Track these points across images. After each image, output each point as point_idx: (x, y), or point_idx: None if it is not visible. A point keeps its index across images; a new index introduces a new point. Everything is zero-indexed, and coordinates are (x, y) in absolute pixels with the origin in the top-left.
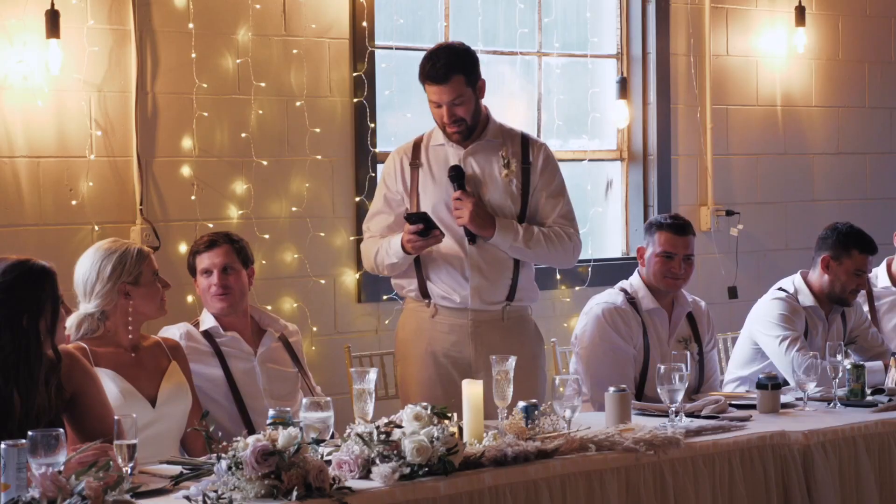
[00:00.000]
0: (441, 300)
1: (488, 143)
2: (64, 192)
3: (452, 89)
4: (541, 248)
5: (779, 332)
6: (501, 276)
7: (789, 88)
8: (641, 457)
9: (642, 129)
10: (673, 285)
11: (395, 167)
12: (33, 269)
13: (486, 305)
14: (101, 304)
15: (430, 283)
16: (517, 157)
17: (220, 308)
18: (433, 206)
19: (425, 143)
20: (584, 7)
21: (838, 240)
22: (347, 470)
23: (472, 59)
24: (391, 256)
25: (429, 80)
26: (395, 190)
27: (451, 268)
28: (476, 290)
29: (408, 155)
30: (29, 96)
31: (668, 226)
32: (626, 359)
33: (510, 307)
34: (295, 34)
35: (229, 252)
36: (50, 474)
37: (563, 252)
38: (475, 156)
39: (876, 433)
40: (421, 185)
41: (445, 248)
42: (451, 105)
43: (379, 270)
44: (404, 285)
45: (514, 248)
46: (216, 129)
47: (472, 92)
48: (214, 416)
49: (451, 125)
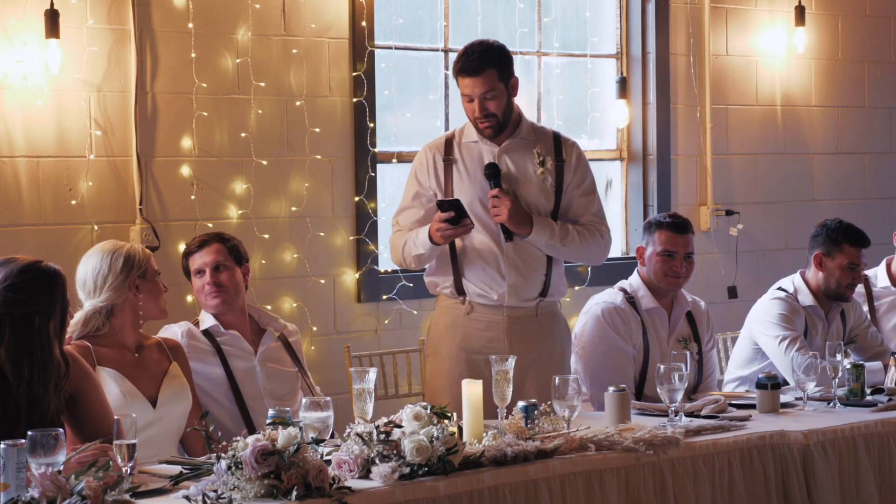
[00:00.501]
0: (477, 297)
1: (522, 140)
2: (63, 192)
3: (485, 82)
4: (575, 245)
5: (778, 332)
6: (536, 272)
7: (789, 88)
8: (641, 456)
9: (642, 129)
10: (675, 284)
11: (427, 163)
12: (47, 271)
13: (521, 302)
14: (111, 298)
15: (466, 281)
16: (550, 154)
17: (215, 306)
18: (468, 202)
19: (457, 140)
20: (584, 7)
21: (828, 236)
22: (347, 470)
23: (507, 56)
24: (418, 247)
25: (462, 73)
26: (428, 186)
27: (487, 265)
28: (513, 288)
29: (440, 151)
30: (28, 96)
31: (667, 224)
32: (625, 358)
33: (543, 302)
34: (294, 34)
35: (220, 250)
36: (49, 474)
37: (595, 249)
38: (509, 153)
39: (875, 433)
40: (455, 182)
41: (481, 245)
42: (482, 99)
43: (406, 263)
44: (438, 282)
45: (549, 245)
46: (216, 128)
47: (505, 88)
48: (214, 416)
49: (483, 120)
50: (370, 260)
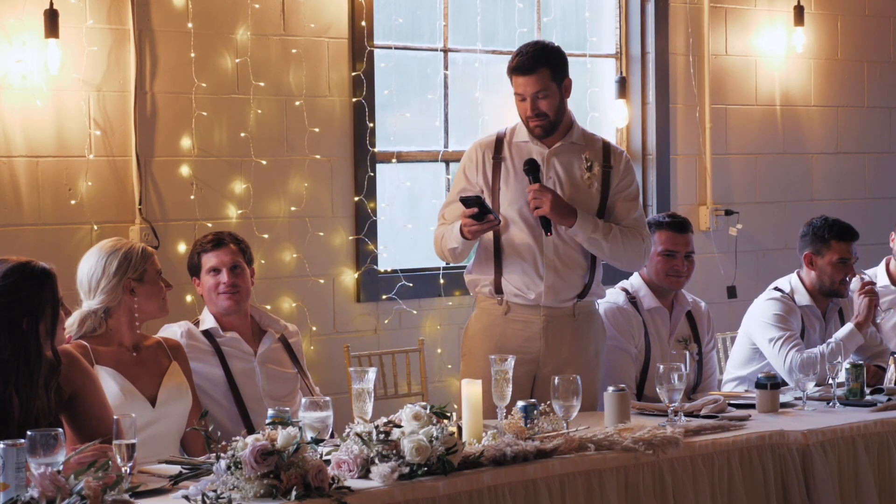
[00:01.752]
0: (514, 297)
1: (572, 145)
2: (63, 192)
3: (538, 81)
4: (617, 242)
5: (773, 333)
6: (575, 274)
7: (788, 88)
8: (640, 456)
9: (641, 129)
10: (676, 283)
11: (477, 160)
12: (34, 271)
13: (559, 303)
14: (105, 301)
15: (505, 280)
16: (598, 160)
17: (227, 307)
18: (513, 200)
19: (508, 139)
20: (583, 7)
21: (815, 234)
22: (346, 469)
23: (561, 57)
24: (452, 241)
25: (516, 72)
26: (475, 182)
27: (527, 265)
28: (551, 288)
29: (490, 149)
30: (28, 96)
31: (667, 224)
32: (627, 358)
33: (580, 303)
34: (294, 34)
35: (236, 251)
36: (49, 474)
37: (635, 251)
38: (558, 156)
39: (875, 433)
40: (503, 180)
41: (521, 245)
42: (534, 98)
43: (445, 256)
44: (479, 281)
45: (591, 239)
46: (215, 128)
47: (558, 88)
48: (214, 416)
49: (534, 118)
50: (369, 260)
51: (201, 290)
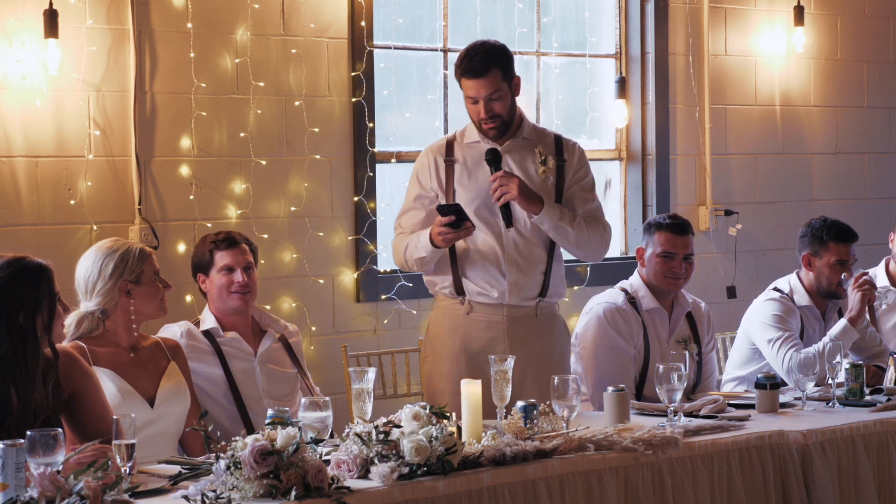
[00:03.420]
0: (477, 296)
1: (524, 141)
2: (62, 192)
3: (490, 83)
4: (582, 230)
5: (772, 334)
6: (536, 270)
7: (788, 88)
8: (640, 456)
9: (641, 129)
10: (674, 285)
11: (429, 164)
12: (29, 266)
13: (521, 301)
14: (102, 303)
15: (466, 280)
16: (552, 154)
17: (237, 306)
18: (471, 202)
19: (459, 141)
20: (583, 7)
21: (813, 235)
22: (346, 470)
23: (509, 55)
24: (420, 251)
25: (466, 75)
26: (430, 187)
27: (488, 263)
28: (514, 285)
29: (441, 152)
30: (27, 96)
31: (667, 226)
32: (626, 359)
33: (542, 303)
34: (294, 34)
35: (248, 252)
36: (48, 474)
37: (598, 239)
38: (511, 153)
39: (874, 433)
40: (457, 182)
41: (481, 244)
42: (488, 100)
43: (408, 266)
44: (437, 282)
45: (558, 227)
46: (215, 128)
47: (509, 88)
48: (213, 416)
49: (488, 121)
50: (369, 260)
51: (207, 288)
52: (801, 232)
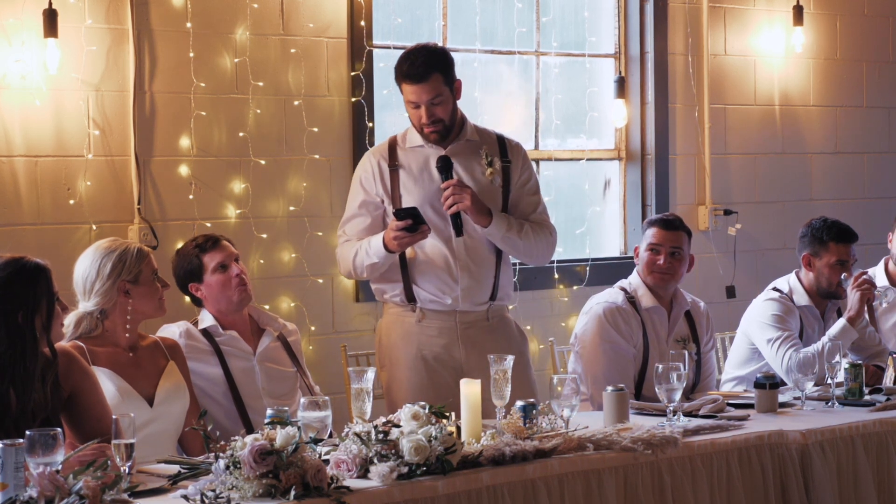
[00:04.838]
0: (429, 304)
1: (468, 143)
2: (62, 192)
3: (432, 88)
4: (529, 239)
5: (771, 333)
6: (486, 275)
7: (787, 88)
8: (639, 456)
9: (640, 129)
10: (660, 279)
11: (373, 170)
12: (27, 266)
13: (473, 306)
14: (100, 303)
15: (417, 287)
16: (497, 155)
17: (243, 298)
18: (418, 206)
19: (401, 145)
20: (583, 6)
21: (813, 235)
22: (345, 469)
23: (449, 59)
24: (371, 257)
25: (407, 80)
26: (375, 193)
27: (439, 269)
28: (466, 291)
29: (385, 157)
30: (27, 95)
31: (657, 221)
32: (626, 358)
33: (493, 306)
34: (293, 33)
35: (231, 245)
36: (48, 473)
37: (546, 245)
38: (456, 156)
39: (874, 432)
40: (403, 188)
41: (431, 250)
42: (429, 105)
43: (357, 274)
44: (386, 290)
45: (506, 238)
46: (214, 128)
47: (450, 92)
48: (213, 415)
49: (430, 125)
50: None
51: (202, 294)
52: (801, 232)
